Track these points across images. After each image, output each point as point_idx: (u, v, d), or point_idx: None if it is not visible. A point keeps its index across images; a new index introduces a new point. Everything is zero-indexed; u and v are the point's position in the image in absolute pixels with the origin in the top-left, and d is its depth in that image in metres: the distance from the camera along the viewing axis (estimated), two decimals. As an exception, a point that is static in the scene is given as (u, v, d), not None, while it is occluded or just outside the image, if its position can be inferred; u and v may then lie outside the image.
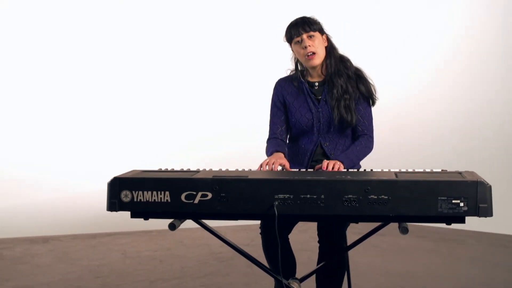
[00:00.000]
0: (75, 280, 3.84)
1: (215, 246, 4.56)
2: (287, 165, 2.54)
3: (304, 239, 4.23)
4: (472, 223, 4.98)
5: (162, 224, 2.21)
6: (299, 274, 2.60)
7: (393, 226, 5.17)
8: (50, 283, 3.78)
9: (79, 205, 5.89)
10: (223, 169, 2.37)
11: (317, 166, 2.51)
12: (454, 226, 5.53)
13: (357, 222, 2.61)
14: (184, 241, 4.87)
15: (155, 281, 3.79)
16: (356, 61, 2.80)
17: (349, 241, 2.58)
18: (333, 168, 2.41)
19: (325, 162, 2.45)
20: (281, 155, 2.59)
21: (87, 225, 5.42)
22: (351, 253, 3.97)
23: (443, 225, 5.46)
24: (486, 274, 3.86)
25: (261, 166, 2.51)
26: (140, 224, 5.02)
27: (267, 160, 2.53)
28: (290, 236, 2.68)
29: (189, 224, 2.98)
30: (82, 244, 4.82)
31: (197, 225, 2.39)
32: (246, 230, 5.05)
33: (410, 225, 5.52)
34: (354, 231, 2.67)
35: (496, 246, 4.62)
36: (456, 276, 3.84)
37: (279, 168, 2.53)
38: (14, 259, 4.40)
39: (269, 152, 2.66)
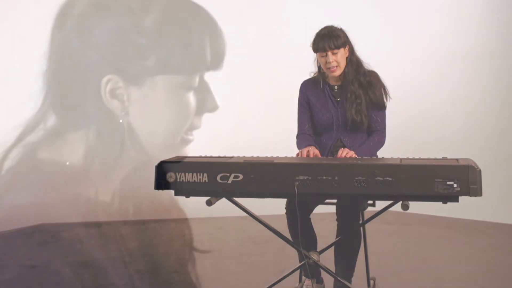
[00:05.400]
0: (126, 256, 4.30)
1: (252, 231, 4.96)
2: (319, 155, 2.91)
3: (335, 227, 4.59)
4: (497, 215, 5.21)
5: (203, 212, 2.57)
6: (327, 255, 2.94)
7: (419, 217, 5.43)
8: (105, 259, 4.25)
9: (130, 194, 6.35)
10: (254, 156, 2.77)
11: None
12: (479, 218, 5.72)
13: (372, 202, 2.98)
14: (223, 227, 5.28)
15: (196, 258, 4.23)
16: (371, 57, 3.07)
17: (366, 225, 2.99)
18: (345, 155, 2.79)
19: (340, 150, 2.83)
20: (314, 147, 2.96)
21: (136, 213, 5.88)
22: (374, 238, 4.30)
23: (470, 217, 5.69)
24: (498, 259, 4.16)
25: (297, 155, 2.91)
26: (183, 212, 5.46)
27: (303, 150, 2.90)
28: (322, 223, 3.08)
29: (229, 212, 3.35)
30: (132, 229, 5.30)
31: (235, 214, 2.77)
32: (282, 219, 5.42)
33: (437, 217, 5.76)
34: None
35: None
36: (470, 260, 4.16)
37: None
38: (71, 240, 4.89)
39: (303, 146, 2.99)
